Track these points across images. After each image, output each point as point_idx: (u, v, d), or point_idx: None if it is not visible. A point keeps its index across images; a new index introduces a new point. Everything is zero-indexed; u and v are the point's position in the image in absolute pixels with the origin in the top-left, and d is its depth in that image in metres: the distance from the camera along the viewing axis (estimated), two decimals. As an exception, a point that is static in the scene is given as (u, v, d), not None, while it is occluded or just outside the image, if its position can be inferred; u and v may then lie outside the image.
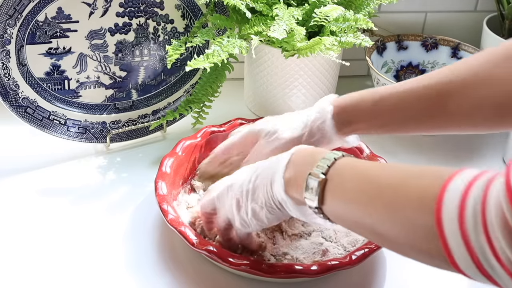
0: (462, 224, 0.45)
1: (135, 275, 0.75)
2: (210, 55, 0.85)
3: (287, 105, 1.02)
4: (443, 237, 0.46)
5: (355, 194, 0.56)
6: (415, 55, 1.15)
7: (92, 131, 0.96)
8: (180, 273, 0.75)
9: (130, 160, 0.86)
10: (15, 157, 0.94)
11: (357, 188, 0.56)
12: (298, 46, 0.90)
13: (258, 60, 1.00)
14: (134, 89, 0.99)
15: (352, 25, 0.92)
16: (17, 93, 0.89)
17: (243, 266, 0.70)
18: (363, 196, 0.55)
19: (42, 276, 0.74)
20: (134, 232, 0.81)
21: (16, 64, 0.88)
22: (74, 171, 0.92)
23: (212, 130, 0.89)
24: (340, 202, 0.58)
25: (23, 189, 0.88)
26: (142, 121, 1.00)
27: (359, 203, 0.55)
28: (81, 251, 0.78)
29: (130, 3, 0.93)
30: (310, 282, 0.75)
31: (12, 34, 0.86)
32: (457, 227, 0.45)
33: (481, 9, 1.20)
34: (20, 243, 0.79)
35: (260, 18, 0.93)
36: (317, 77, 1.00)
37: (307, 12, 0.94)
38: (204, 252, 0.71)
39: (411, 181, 0.51)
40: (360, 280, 0.77)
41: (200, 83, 0.98)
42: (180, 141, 0.86)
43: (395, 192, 0.52)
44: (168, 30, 0.97)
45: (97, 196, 0.88)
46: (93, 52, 0.94)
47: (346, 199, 0.57)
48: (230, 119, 0.92)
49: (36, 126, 0.91)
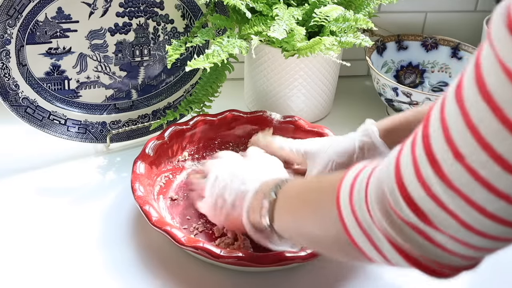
0: (352, 202, 0.50)
1: (135, 275, 0.75)
2: (210, 55, 0.85)
3: (287, 105, 1.02)
4: (341, 217, 0.51)
5: (291, 205, 0.63)
6: (415, 55, 1.15)
7: (92, 131, 0.96)
8: (180, 273, 0.76)
9: (130, 160, 0.86)
10: (15, 157, 0.94)
11: (293, 199, 0.63)
12: (298, 46, 0.90)
13: (258, 60, 1.00)
14: (134, 89, 0.99)
15: (352, 25, 0.92)
16: (17, 93, 0.89)
17: (232, 259, 0.71)
18: (297, 204, 0.62)
19: (42, 275, 0.74)
20: (134, 232, 0.81)
21: (16, 64, 0.88)
22: (74, 171, 0.92)
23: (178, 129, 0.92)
24: (283, 215, 0.64)
25: (23, 189, 0.88)
26: (142, 121, 1.00)
27: (294, 211, 0.62)
28: (81, 251, 0.78)
29: (130, 3, 0.93)
30: (301, 270, 0.75)
31: (12, 34, 0.86)
32: (348, 205, 0.51)
33: (481, 9, 1.20)
34: (19, 243, 0.79)
35: (260, 18, 0.93)
36: (317, 77, 1.00)
37: (307, 12, 0.94)
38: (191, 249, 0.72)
39: (325, 181, 0.60)
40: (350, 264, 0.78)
41: (200, 83, 0.98)
42: (148, 142, 0.88)
43: (314, 192, 0.60)
44: (168, 30, 0.97)
45: (97, 196, 0.88)
46: (93, 52, 0.94)
47: (286, 211, 0.64)
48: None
49: (36, 126, 0.91)
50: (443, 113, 0.43)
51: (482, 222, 0.43)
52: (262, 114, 0.96)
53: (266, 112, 0.96)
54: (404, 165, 0.46)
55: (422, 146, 0.44)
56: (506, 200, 0.41)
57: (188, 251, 0.74)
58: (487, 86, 0.39)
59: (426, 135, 0.44)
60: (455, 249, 0.45)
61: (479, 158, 0.40)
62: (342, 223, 0.51)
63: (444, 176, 0.43)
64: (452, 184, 0.42)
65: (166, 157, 0.89)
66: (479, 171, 0.41)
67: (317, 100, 1.03)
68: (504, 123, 0.39)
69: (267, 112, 0.96)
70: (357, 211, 0.50)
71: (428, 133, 0.44)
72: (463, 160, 0.41)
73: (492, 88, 0.39)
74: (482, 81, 0.40)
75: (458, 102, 0.41)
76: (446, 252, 0.46)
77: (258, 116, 0.96)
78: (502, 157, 0.39)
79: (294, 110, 1.02)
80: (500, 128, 0.39)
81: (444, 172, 0.43)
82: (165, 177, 0.88)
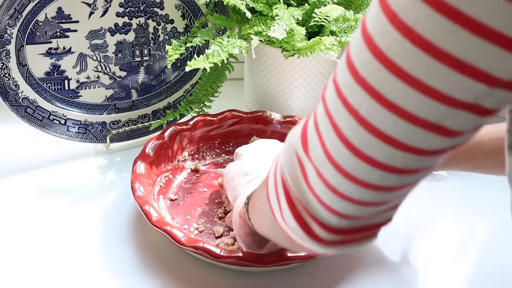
0: (275, 170, 0.51)
1: (135, 275, 0.75)
2: (210, 55, 0.85)
3: (287, 105, 1.02)
4: (267, 189, 0.52)
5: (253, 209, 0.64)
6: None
7: (92, 131, 0.96)
8: (180, 273, 0.76)
9: (130, 160, 0.86)
10: (15, 157, 0.94)
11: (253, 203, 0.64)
12: (298, 46, 0.90)
13: (258, 60, 1.00)
14: (134, 89, 0.99)
15: (352, 25, 0.92)
16: (17, 93, 0.89)
17: (232, 259, 0.71)
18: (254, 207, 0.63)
19: (42, 275, 0.74)
20: (134, 232, 0.81)
21: (16, 64, 0.88)
22: (74, 171, 0.92)
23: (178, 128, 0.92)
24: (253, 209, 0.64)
25: (23, 189, 0.88)
26: (142, 121, 1.00)
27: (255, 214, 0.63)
28: (81, 251, 0.78)
29: (130, 3, 0.93)
30: (301, 270, 0.75)
31: (12, 34, 0.86)
32: (272, 176, 0.51)
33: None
34: (19, 243, 0.79)
35: (260, 18, 0.93)
36: (317, 77, 1.00)
37: (307, 12, 0.94)
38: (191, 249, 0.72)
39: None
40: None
41: (200, 83, 0.98)
42: (148, 142, 0.88)
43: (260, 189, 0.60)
44: (168, 30, 0.97)
45: (97, 196, 0.88)
46: (93, 52, 0.94)
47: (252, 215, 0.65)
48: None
49: (36, 126, 0.91)
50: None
51: (343, 157, 0.42)
52: (262, 114, 0.96)
53: (266, 112, 0.96)
54: (315, 112, 0.46)
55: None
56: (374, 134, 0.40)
57: (188, 251, 0.74)
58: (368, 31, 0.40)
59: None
60: (321, 193, 0.44)
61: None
62: (266, 190, 0.52)
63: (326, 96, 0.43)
64: (327, 106, 0.43)
65: (166, 157, 0.89)
66: (349, 99, 0.41)
67: (317, 100, 1.03)
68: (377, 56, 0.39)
69: (267, 112, 0.96)
70: (277, 173, 0.50)
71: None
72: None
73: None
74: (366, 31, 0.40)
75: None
76: (315, 198, 0.45)
77: (258, 116, 0.96)
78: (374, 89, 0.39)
79: (294, 110, 1.02)
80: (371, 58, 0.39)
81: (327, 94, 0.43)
82: (165, 177, 0.88)
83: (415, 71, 0.37)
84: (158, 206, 0.82)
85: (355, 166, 0.42)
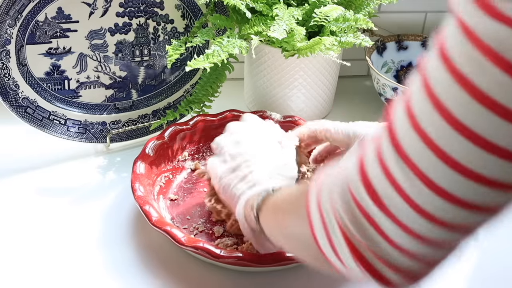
0: (319, 203, 0.51)
1: (135, 275, 0.75)
2: (210, 55, 0.85)
3: (287, 105, 1.02)
4: (310, 217, 0.52)
5: (274, 207, 0.64)
6: (415, 55, 1.15)
7: (92, 131, 0.96)
8: (180, 273, 0.76)
9: (130, 160, 0.86)
10: (15, 157, 0.94)
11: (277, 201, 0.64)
12: (298, 46, 0.90)
13: (258, 60, 1.00)
14: (134, 89, 0.99)
15: (352, 25, 0.92)
16: (17, 93, 0.89)
17: (232, 259, 0.71)
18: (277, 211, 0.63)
19: (42, 275, 0.74)
20: (134, 232, 0.81)
21: (16, 64, 0.88)
22: (74, 171, 0.92)
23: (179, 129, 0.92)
24: (267, 211, 0.65)
25: (23, 189, 0.88)
26: (142, 121, 1.00)
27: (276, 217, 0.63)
28: (81, 251, 0.78)
29: (130, 3, 0.93)
30: (301, 270, 0.75)
31: (12, 34, 0.86)
32: (316, 205, 0.51)
33: (481, 9, 1.20)
34: (19, 243, 0.79)
35: (260, 18, 0.93)
36: (317, 77, 1.00)
37: (307, 12, 0.94)
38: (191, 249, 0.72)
39: (297, 188, 0.63)
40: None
41: (200, 83, 0.98)
42: (148, 142, 0.88)
43: (290, 197, 0.62)
44: (168, 30, 0.97)
45: (97, 196, 0.88)
46: (93, 52, 0.94)
47: (270, 210, 0.65)
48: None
49: (36, 126, 0.91)
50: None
51: (433, 203, 0.42)
52: (262, 114, 0.96)
53: (266, 112, 0.96)
54: (369, 160, 0.46)
55: (386, 134, 0.45)
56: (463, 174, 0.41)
57: (188, 251, 0.74)
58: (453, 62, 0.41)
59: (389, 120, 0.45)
60: (401, 242, 0.45)
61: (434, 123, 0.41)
62: (310, 222, 0.52)
63: (399, 146, 0.43)
64: (405, 154, 0.43)
65: (166, 157, 0.90)
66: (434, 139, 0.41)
67: (317, 100, 1.03)
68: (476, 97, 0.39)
69: (267, 112, 0.96)
70: (323, 210, 0.50)
71: (391, 118, 0.45)
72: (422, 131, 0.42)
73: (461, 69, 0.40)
74: (447, 58, 0.41)
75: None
76: (392, 246, 0.45)
77: (258, 116, 0.96)
78: (468, 128, 0.40)
79: (294, 110, 1.02)
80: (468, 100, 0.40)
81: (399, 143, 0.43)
82: (165, 177, 0.88)
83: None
84: (158, 206, 0.82)
85: (453, 214, 0.43)
